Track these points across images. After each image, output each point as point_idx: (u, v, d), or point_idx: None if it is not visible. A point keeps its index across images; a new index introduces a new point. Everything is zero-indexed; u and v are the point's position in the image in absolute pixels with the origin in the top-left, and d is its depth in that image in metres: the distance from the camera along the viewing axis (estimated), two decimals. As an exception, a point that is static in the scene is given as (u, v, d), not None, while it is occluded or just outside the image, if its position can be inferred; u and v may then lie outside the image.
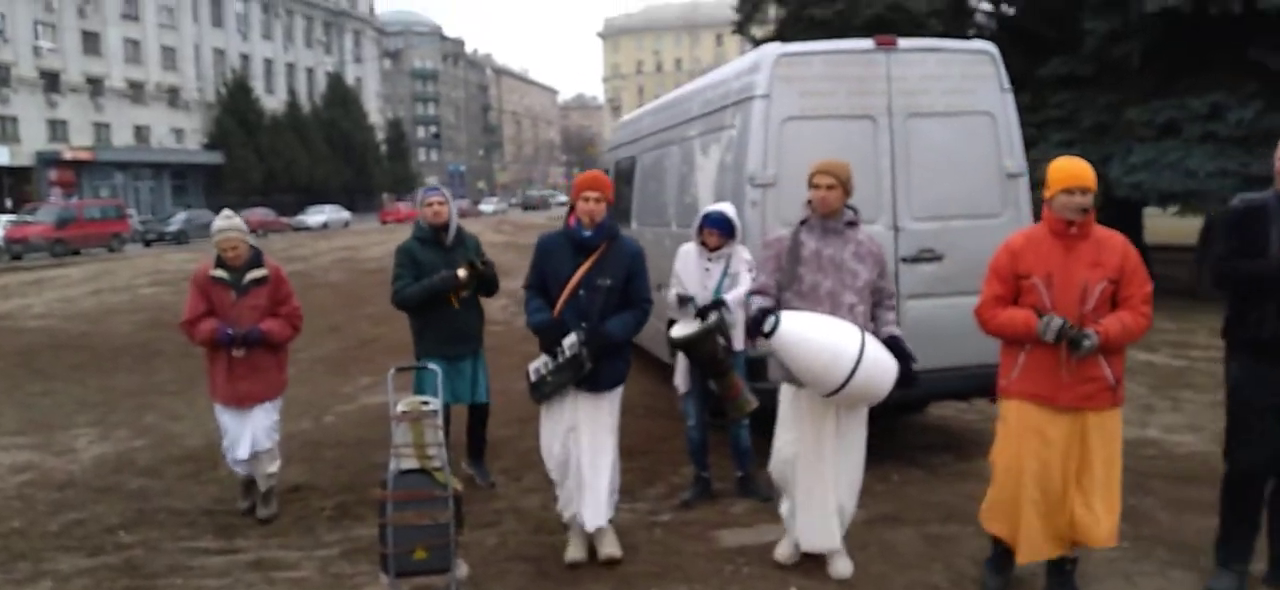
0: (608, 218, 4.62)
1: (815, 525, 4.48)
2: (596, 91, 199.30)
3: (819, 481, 4.43)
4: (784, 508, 4.70)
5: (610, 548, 4.73)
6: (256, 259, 5.56)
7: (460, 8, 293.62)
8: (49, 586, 4.78)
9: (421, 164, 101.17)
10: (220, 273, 5.46)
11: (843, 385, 4.08)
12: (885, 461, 6.08)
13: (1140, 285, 3.91)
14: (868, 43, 6.10)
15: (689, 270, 5.53)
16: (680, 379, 5.62)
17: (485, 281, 5.63)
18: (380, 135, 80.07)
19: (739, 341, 5.50)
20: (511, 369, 9.70)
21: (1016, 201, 6.26)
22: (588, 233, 4.54)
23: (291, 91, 68.38)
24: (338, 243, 33.89)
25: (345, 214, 54.55)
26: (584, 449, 4.62)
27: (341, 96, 72.62)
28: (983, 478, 5.85)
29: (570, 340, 4.46)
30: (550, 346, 4.51)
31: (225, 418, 5.57)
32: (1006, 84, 6.24)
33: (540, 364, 4.58)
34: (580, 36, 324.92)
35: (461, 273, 5.52)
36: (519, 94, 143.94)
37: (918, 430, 7.14)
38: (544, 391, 4.57)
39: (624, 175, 9.59)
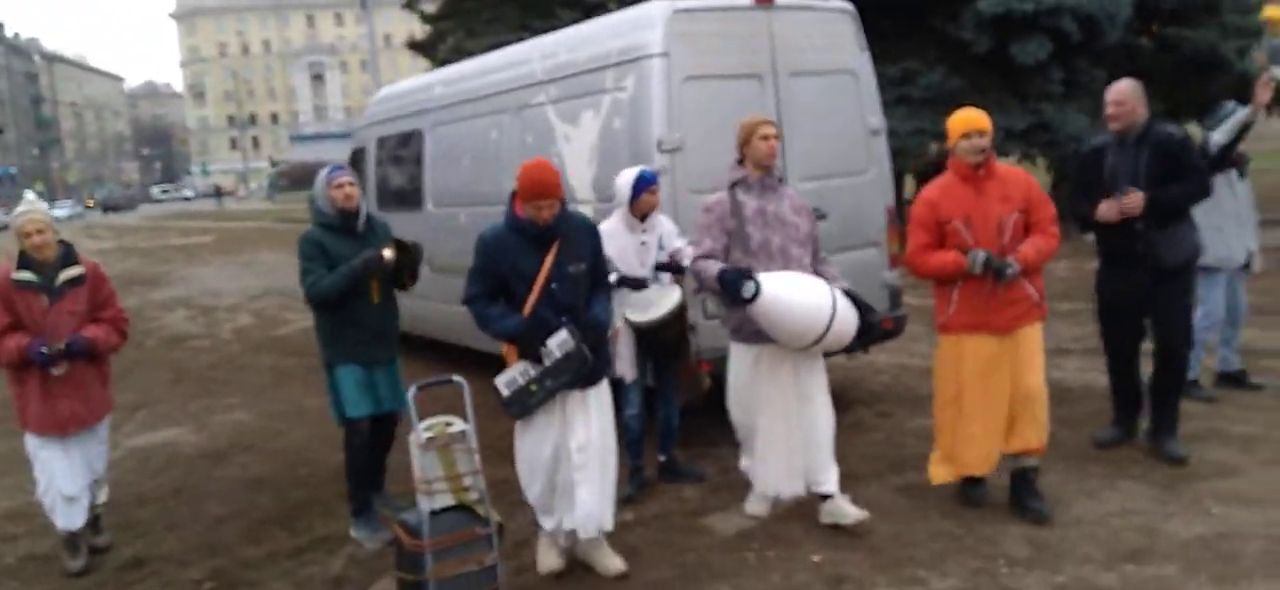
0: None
1: (784, 472, 4.52)
2: (171, 78, 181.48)
3: (784, 430, 4.47)
4: (744, 463, 4.77)
5: (614, 561, 4.22)
6: (68, 255, 4.72)
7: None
8: None
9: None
10: (26, 275, 4.55)
11: (820, 337, 4.21)
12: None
13: (1046, 210, 4.44)
14: (748, 0, 5.95)
15: (622, 248, 5.00)
16: (626, 367, 5.08)
17: (409, 266, 4.76)
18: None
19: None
20: (262, 392, 8.54)
21: (879, 158, 6.49)
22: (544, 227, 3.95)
23: None
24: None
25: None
26: (579, 451, 4.04)
27: None
28: (898, 423, 6.13)
29: (561, 338, 3.90)
30: (533, 352, 3.91)
31: (43, 452, 4.68)
32: (864, 43, 6.42)
33: (516, 373, 3.95)
34: (144, 19, 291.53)
35: (387, 253, 4.62)
36: (77, 83, 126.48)
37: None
38: (530, 403, 3.95)
39: (397, 153, 8.68)
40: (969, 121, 4.35)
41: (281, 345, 10.91)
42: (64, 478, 4.67)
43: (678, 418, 5.42)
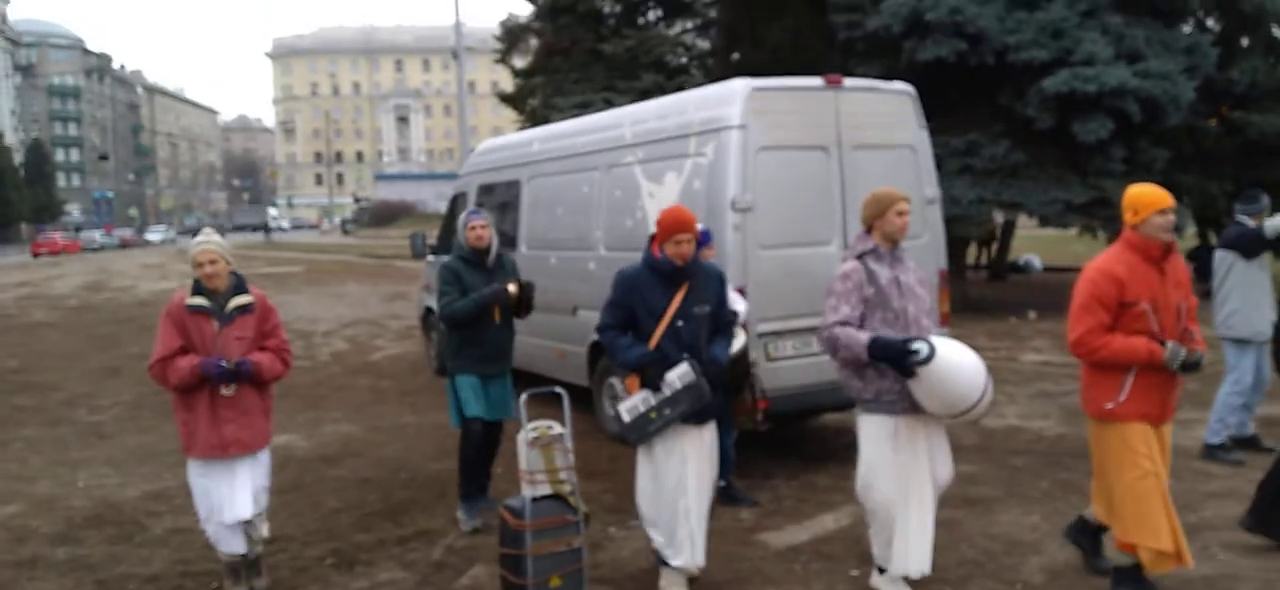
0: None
1: (924, 550, 4.42)
2: (261, 113, 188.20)
3: (925, 507, 4.40)
4: (877, 547, 4.55)
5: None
6: (240, 285, 4.84)
7: (105, 20, 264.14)
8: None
9: (65, 189, 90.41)
10: (199, 301, 4.71)
11: (976, 403, 4.15)
12: (827, 463, 6.69)
13: (1195, 301, 4.33)
14: (818, 81, 6.69)
15: None
16: None
17: (526, 300, 5.59)
18: (17, 158, 70.52)
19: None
20: (363, 408, 9.40)
21: (934, 224, 7.13)
22: (681, 263, 4.49)
23: (-96, 104, 58.51)
24: (4, 279, 29.70)
25: (-11, 246, 47.52)
26: (697, 487, 4.46)
27: (-32, 113, 63.21)
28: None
29: (681, 371, 4.33)
30: (653, 381, 4.37)
31: (208, 476, 4.76)
32: (923, 121, 7.09)
33: (638, 401, 4.38)
34: (240, 56, 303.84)
35: (511, 288, 5.48)
36: (174, 114, 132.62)
37: (832, 432, 7.78)
38: (649, 429, 4.37)
39: (496, 199, 9.54)
40: (1163, 198, 4.10)
41: (376, 369, 11.85)
42: (225, 505, 4.76)
43: (734, 450, 6.06)
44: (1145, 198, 4.17)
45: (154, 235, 68.57)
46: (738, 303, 5.75)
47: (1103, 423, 4.31)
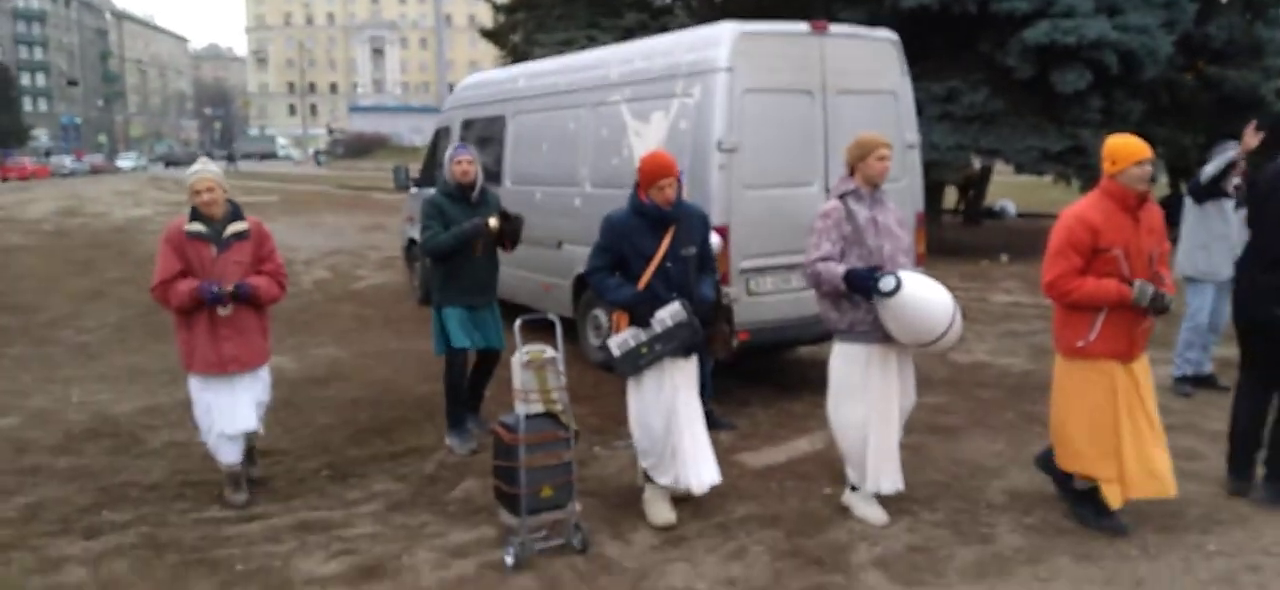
0: (678, 190, 4.75)
1: (894, 469, 4.73)
2: (232, 43, 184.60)
3: (892, 429, 4.71)
4: (857, 469, 4.81)
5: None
6: (236, 211, 5.10)
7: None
8: (83, 575, 4.32)
9: (31, 114, 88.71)
10: (197, 227, 4.95)
11: (942, 334, 4.44)
12: (802, 392, 6.98)
13: (1166, 246, 4.53)
14: (804, 26, 6.84)
15: None
16: None
17: (511, 233, 5.73)
18: (-18, 80, 69.12)
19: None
20: (348, 334, 9.58)
21: (913, 168, 7.36)
22: (668, 208, 4.65)
23: None
24: (-30, 203, 29.32)
25: (-43, 170, 46.77)
26: (686, 413, 4.69)
27: (-69, 32, 61.66)
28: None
29: (673, 310, 4.55)
30: (643, 319, 4.58)
31: (208, 391, 5.05)
32: (906, 68, 7.28)
33: (628, 336, 4.59)
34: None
35: (492, 221, 5.62)
36: (144, 41, 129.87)
37: (807, 363, 8.05)
38: (640, 363, 4.59)
39: (480, 134, 9.65)
40: (1141, 150, 4.27)
41: (359, 297, 12.00)
42: (225, 417, 5.03)
43: (711, 378, 6.30)
44: (1124, 148, 4.34)
45: (125, 162, 67.56)
46: (712, 241, 5.95)
47: (1071, 359, 4.55)
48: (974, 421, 6.42)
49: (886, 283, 4.34)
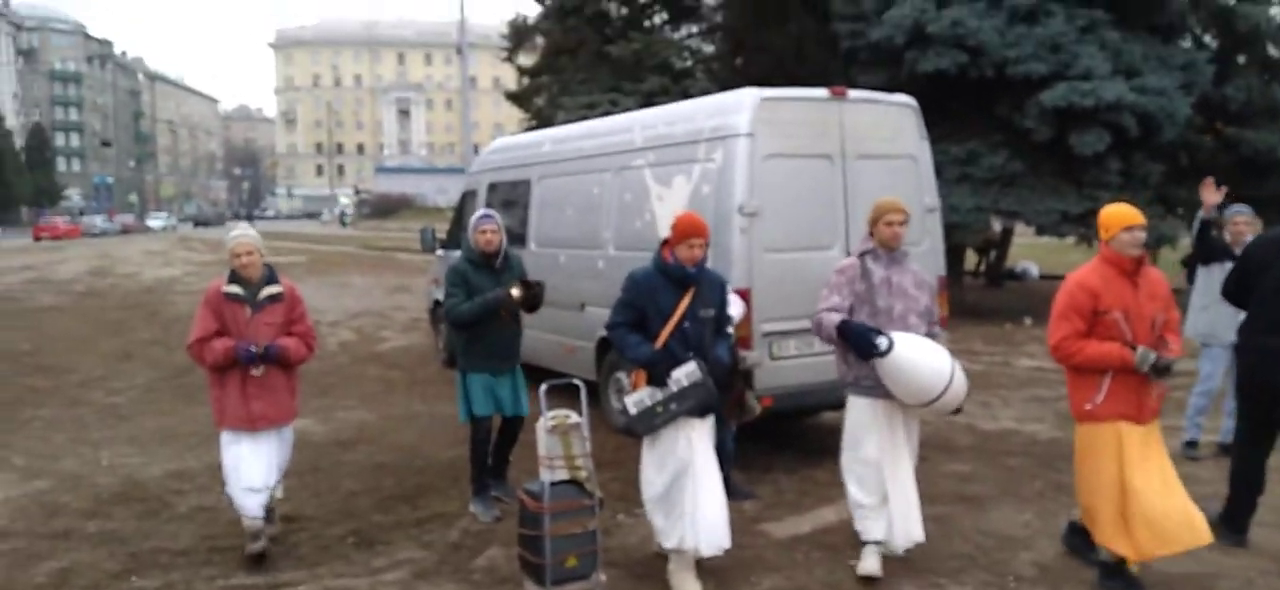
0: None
1: (910, 516, 4.87)
2: (262, 103, 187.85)
3: (905, 477, 4.87)
4: (859, 514, 4.96)
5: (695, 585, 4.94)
6: (271, 275, 5.38)
7: (107, 6, 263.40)
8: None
9: (64, 174, 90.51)
10: (235, 289, 5.24)
11: (937, 397, 4.62)
12: (825, 459, 6.92)
13: (1176, 312, 4.66)
14: (824, 92, 6.95)
15: None
16: None
17: (532, 300, 5.79)
18: (18, 142, 70.65)
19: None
20: (374, 397, 9.65)
21: (933, 231, 7.39)
22: (690, 270, 4.73)
23: (-94, 85, 58.59)
24: (8, 263, 29.87)
25: (-10, 230, 47.63)
26: (699, 473, 4.68)
27: (-30, 96, 63.32)
28: (935, 466, 6.94)
29: (689, 369, 4.59)
30: (660, 378, 4.62)
31: (236, 446, 5.27)
32: (924, 133, 7.35)
33: (644, 395, 4.62)
34: (242, 45, 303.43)
35: (515, 291, 5.67)
36: (175, 102, 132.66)
37: (830, 429, 8.03)
38: (655, 422, 4.62)
39: (506, 197, 9.79)
40: (1131, 217, 4.45)
41: (384, 359, 12.09)
42: (250, 470, 5.22)
43: (734, 444, 6.30)
44: (1114, 216, 4.56)
45: (155, 222, 68.74)
46: (735, 305, 6.01)
47: (1082, 423, 4.68)
48: (1002, 491, 6.37)
49: (880, 343, 4.53)
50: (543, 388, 4.70)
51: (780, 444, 7.46)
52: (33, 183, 69.77)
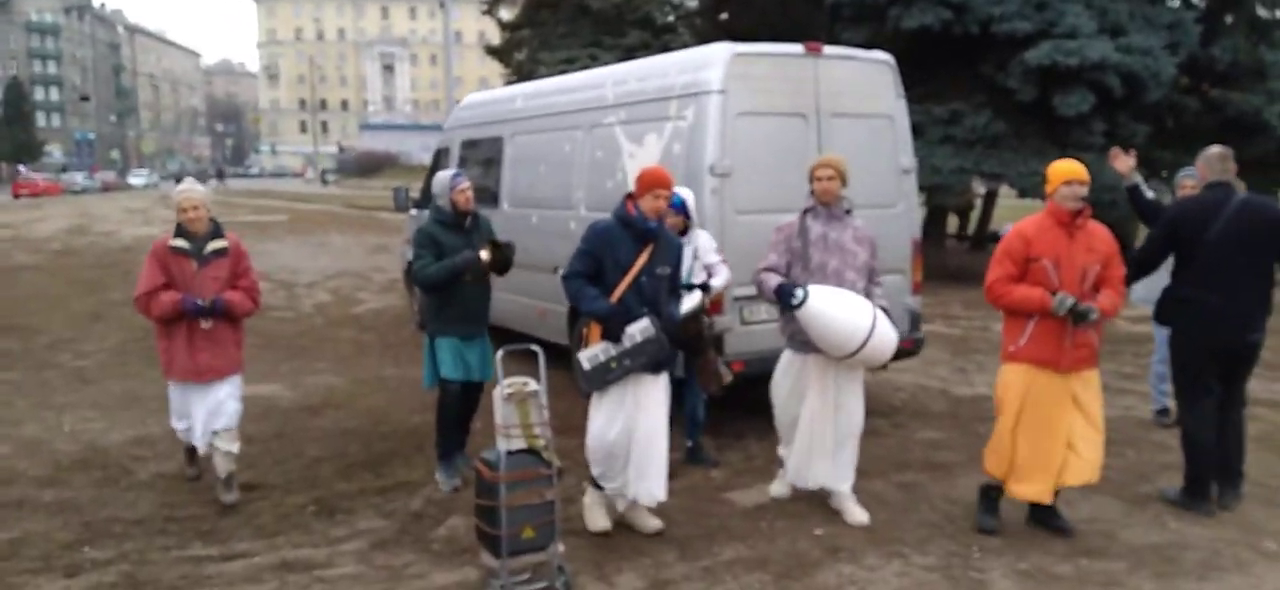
0: None
1: (816, 465, 5.19)
2: (246, 58, 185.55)
3: (824, 428, 5.13)
4: (781, 451, 5.47)
5: (653, 521, 5.03)
6: (217, 230, 5.54)
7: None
8: (56, 614, 4.26)
9: (44, 129, 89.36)
10: (181, 243, 5.40)
11: (857, 350, 4.83)
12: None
13: (1119, 268, 4.86)
14: (798, 48, 6.77)
15: None
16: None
17: (502, 262, 5.65)
18: (-5, 96, 69.75)
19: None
20: (346, 360, 9.51)
21: (908, 193, 7.26)
22: (651, 224, 4.77)
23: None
24: (-17, 220, 29.42)
25: (-33, 186, 46.93)
26: (648, 432, 4.77)
27: (-55, 48, 62.22)
28: (908, 434, 6.88)
29: (642, 325, 4.64)
30: (614, 333, 4.66)
31: (183, 395, 5.59)
32: (901, 91, 7.20)
33: (598, 351, 4.68)
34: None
35: (484, 254, 5.53)
36: (156, 56, 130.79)
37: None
38: (608, 377, 4.70)
39: (479, 155, 9.62)
40: (1072, 172, 4.69)
41: (359, 322, 11.95)
42: (204, 420, 5.51)
43: (704, 410, 6.22)
44: (1056, 171, 4.80)
45: (136, 179, 67.85)
46: (720, 272, 5.89)
47: (1004, 362, 4.97)
48: (971, 458, 6.25)
49: (795, 295, 4.78)
50: (499, 354, 4.58)
51: (753, 409, 7.35)
52: (11, 138, 68.85)
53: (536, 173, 8.44)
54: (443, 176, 5.71)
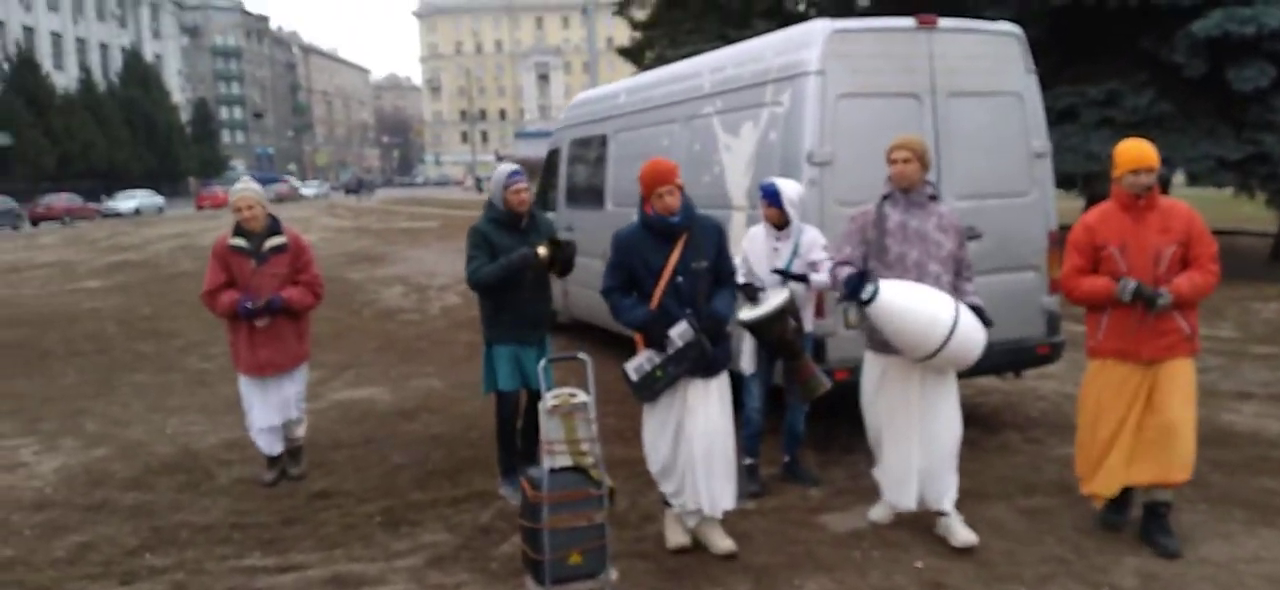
0: (686, 199, 4.48)
1: (897, 482, 4.72)
2: (411, 72, 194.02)
3: (904, 443, 4.64)
4: (877, 473, 4.93)
5: (725, 541, 4.56)
6: (275, 226, 5.61)
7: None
8: (101, 625, 4.13)
9: (228, 146, 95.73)
10: (239, 242, 5.50)
11: (937, 351, 4.32)
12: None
13: (1206, 246, 4.38)
14: (909, 21, 6.10)
15: (757, 253, 5.36)
16: (746, 361, 5.45)
17: (562, 261, 5.27)
18: (185, 116, 74.99)
19: (808, 322, 5.47)
20: (455, 363, 9.36)
21: (1042, 180, 6.45)
22: (674, 219, 4.38)
23: (84, 68, 62.89)
24: (165, 230, 31.55)
25: (158, 199, 50.65)
26: (702, 436, 4.42)
27: (140, 75, 67.50)
28: (1044, 450, 6.12)
29: (681, 329, 4.29)
30: (658, 340, 4.32)
31: (248, 389, 5.70)
32: (1031, 66, 6.41)
33: (644, 360, 4.36)
34: (391, 15, 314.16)
35: (542, 250, 5.15)
36: (329, 73, 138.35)
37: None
38: (656, 387, 4.36)
39: (586, 154, 9.32)
40: (1139, 158, 4.33)
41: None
42: (260, 413, 5.69)
43: (803, 422, 5.65)
44: (1123, 155, 4.40)
45: (308, 190, 71.56)
46: (823, 268, 5.31)
47: (1089, 358, 4.66)
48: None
49: (865, 291, 4.31)
50: (541, 364, 4.21)
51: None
52: (199, 155, 73.72)
53: (637, 170, 7.98)
54: (500, 172, 5.35)
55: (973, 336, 4.40)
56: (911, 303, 4.33)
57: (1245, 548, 4.54)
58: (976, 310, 4.50)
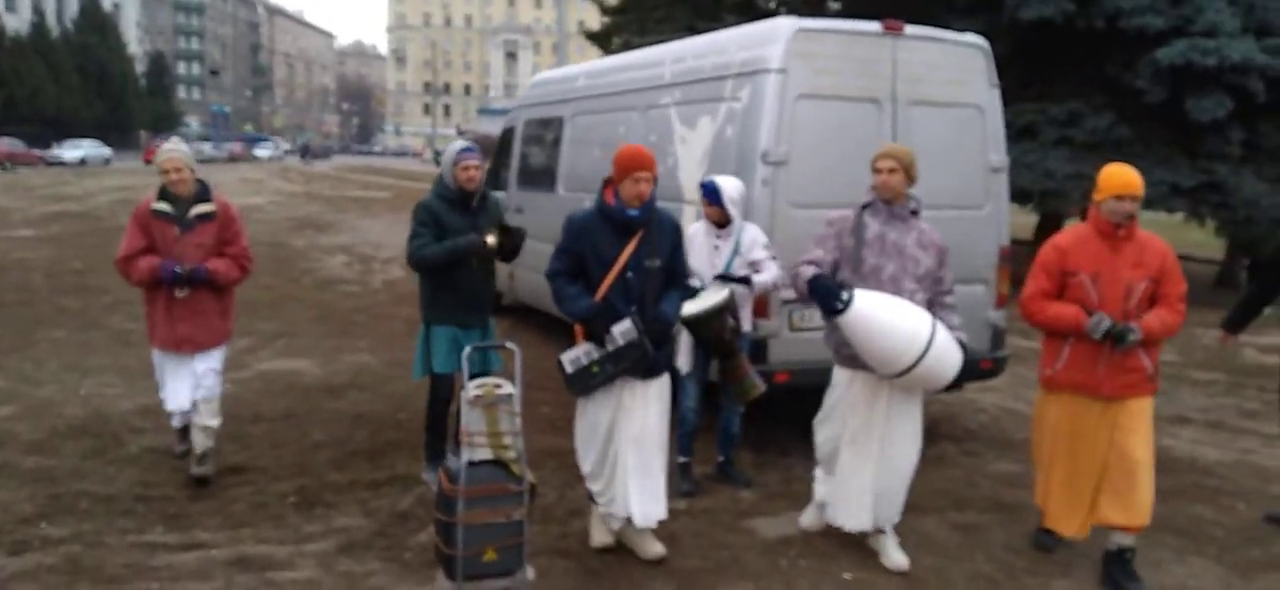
0: (652, 195, 4.23)
1: (851, 504, 4.44)
2: (377, 40, 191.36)
3: (863, 462, 4.40)
4: (818, 480, 4.75)
5: (655, 547, 4.40)
6: (204, 192, 5.11)
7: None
8: (-20, 596, 3.87)
9: (184, 101, 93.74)
10: (163, 206, 5.00)
11: (910, 368, 4.05)
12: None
13: (1176, 284, 4.24)
14: (875, 25, 5.97)
15: (697, 248, 5.19)
16: (682, 359, 5.27)
17: (509, 248, 5.05)
18: (140, 68, 73.20)
19: (746, 322, 5.34)
20: (392, 339, 9.11)
21: (998, 194, 6.37)
22: (633, 212, 4.14)
23: (37, 11, 61.02)
24: (108, 182, 30.78)
25: (105, 150, 49.38)
26: (634, 439, 4.22)
27: (97, 22, 65.73)
28: (980, 464, 6.05)
29: (624, 327, 4.06)
30: (598, 335, 4.11)
31: (163, 364, 5.23)
32: (995, 80, 6.32)
33: (581, 353, 4.15)
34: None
35: (490, 239, 4.92)
36: (293, 35, 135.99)
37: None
38: (591, 383, 4.15)
39: (542, 136, 9.11)
40: (1125, 186, 4.13)
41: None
42: (172, 393, 5.18)
43: (738, 423, 5.52)
44: (1107, 179, 4.21)
45: (261, 151, 70.27)
46: (770, 267, 5.19)
47: (1042, 388, 4.51)
48: (1046, 500, 5.42)
49: (839, 300, 4.05)
50: (466, 351, 4.01)
51: (807, 425, 6.61)
52: (152, 108, 72.01)
53: (591, 156, 7.83)
54: (451, 149, 5.11)
55: (947, 358, 4.14)
56: (889, 316, 4.07)
57: (1173, 576, 4.50)
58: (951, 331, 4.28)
